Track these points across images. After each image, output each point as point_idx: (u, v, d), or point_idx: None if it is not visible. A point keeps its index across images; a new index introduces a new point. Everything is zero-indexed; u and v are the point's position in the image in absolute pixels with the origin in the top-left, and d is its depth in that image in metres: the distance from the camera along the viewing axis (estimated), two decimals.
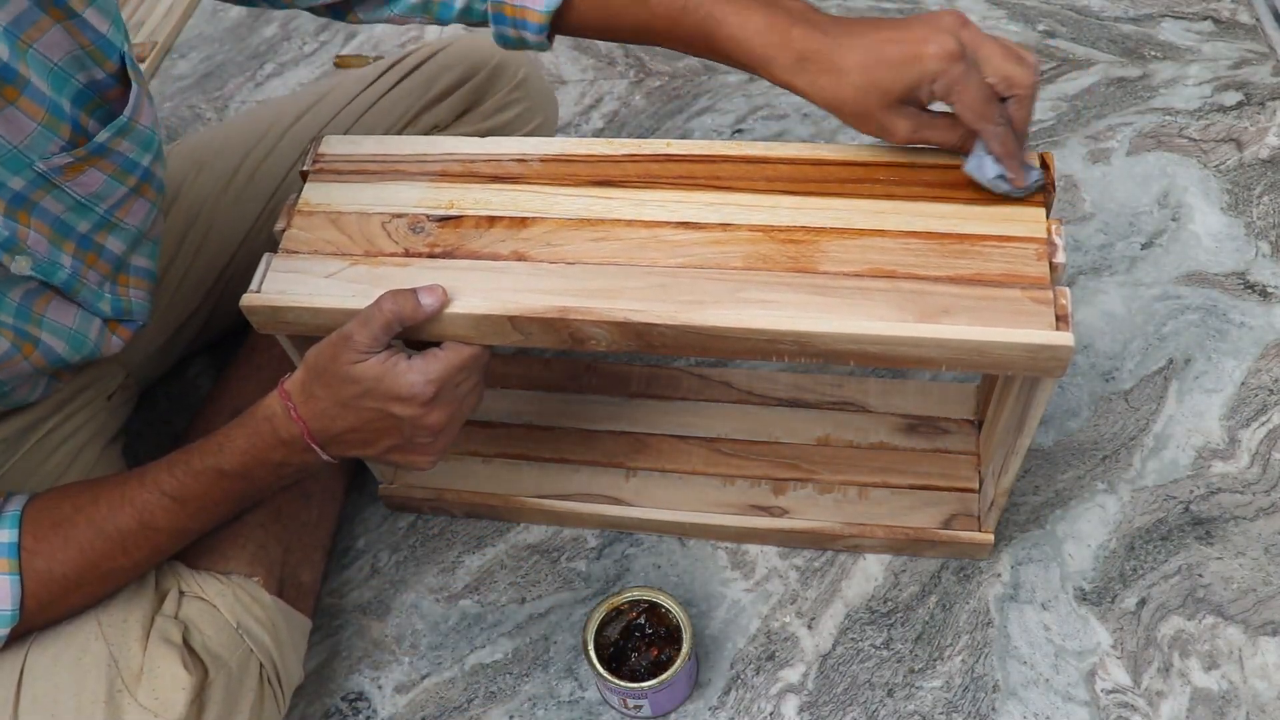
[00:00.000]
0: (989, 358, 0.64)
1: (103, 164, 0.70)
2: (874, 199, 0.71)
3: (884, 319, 0.65)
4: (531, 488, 0.97)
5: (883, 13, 1.51)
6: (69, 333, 0.75)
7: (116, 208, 0.74)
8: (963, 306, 0.65)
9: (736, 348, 0.67)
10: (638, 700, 0.82)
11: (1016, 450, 0.76)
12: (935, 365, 0.66)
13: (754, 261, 0.69)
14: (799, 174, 0.74)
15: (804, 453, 0.96)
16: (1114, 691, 0.85)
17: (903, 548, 0.92)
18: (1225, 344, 1.07)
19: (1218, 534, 0.93)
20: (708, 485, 0.95)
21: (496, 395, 1.03)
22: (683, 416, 1.00)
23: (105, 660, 0.70)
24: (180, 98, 1.53)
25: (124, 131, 0.70)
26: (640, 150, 0.76)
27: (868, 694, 0.86)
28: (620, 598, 0.84)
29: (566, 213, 0.73)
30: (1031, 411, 0.71)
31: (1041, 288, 0.65)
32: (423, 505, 0.99)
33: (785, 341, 0.66)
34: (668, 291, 0.68)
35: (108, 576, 0.71)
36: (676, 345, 0.68)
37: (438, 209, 0.75)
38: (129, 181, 0.74)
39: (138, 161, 0.73)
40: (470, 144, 0.79)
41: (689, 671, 0.83)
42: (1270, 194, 1.20)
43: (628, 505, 0.95)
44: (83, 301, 0.75)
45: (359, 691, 0.90)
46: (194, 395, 1.13)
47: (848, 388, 1.00)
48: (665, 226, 0.72)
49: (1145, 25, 1.43)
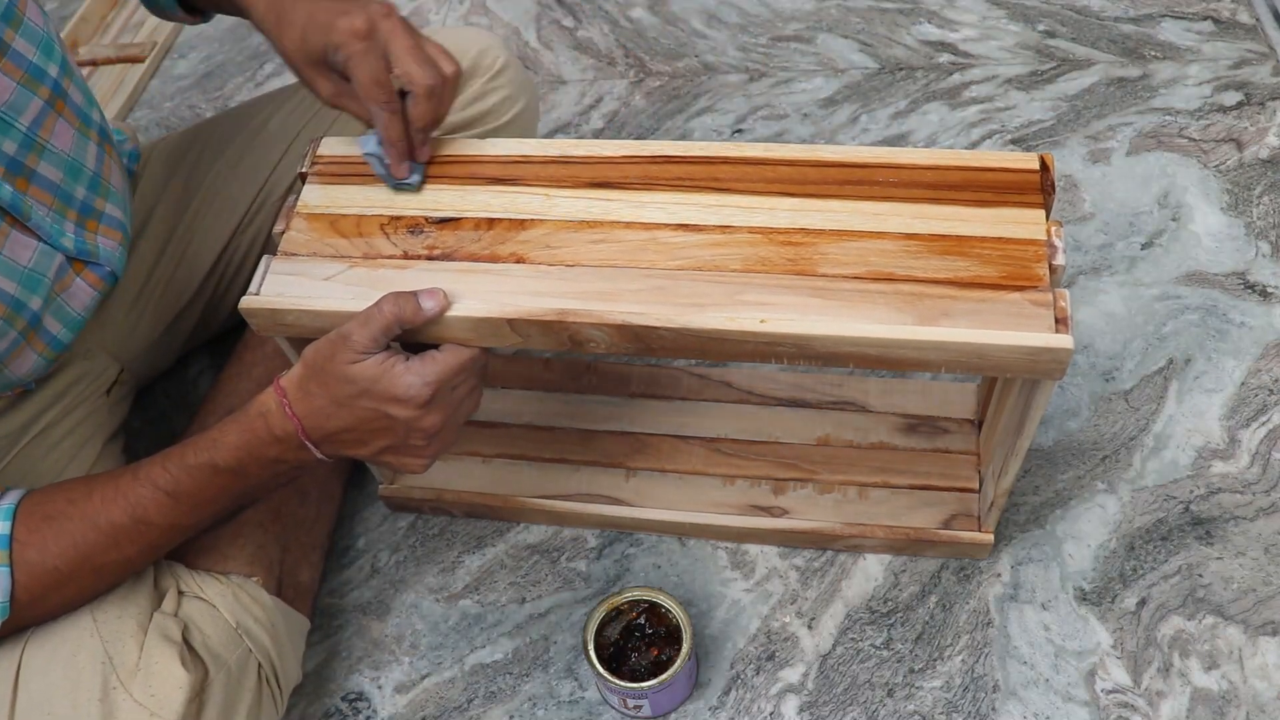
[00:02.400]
0: (988, 360, 0.64)
1: (5, 64, 0.71)
2: (873, 200, 0.71)
3: (883, 322, 0.65)
4: (531, 488, 0.97)
5: (883, 11, 1.51)
6: (23, 272, 0.74)
7: (37, 125, 0.74)
8: (962, 309, 0.65)
9: (735, 350, 0.67)
10: (638, 700, 0.82)
11: (1016, 451, 0.76)
12: (934, 368, 0.66)
13: (753, 264, 0.69)
14: (798, 175, 0.74)
15: (804, 453, 0.96)
16: (1114, 691, 0.85)
17: (903, 548, 0.92)
18: (1225, 344, 1.07)
19: (1218, 534, 0.93)
20: (708, 485, 0.95)
21: (496, 395, 1.03)
22: (683, 417, 1.00)
23: (100, 657, 0.70)
24: (180, 97, 1.53)
25: (10, 19, 0.71)
26: (639, 152, 0.76)
27: (868, 694, 0.86)
28: (620, 598, 0.84)
29: (565, 214, 0.74)
30: (1031, 413, 0.71)
31: (1041, 290, 0.65)
32: (423, 505, 0.99)
33: (785, 345, 0.66)
34: (666, 294, 0.68)
35: (100, 571, 0.71)
36: (675, 348, 0.68)
37: (437, 211, 0.75)
38: (41, 93, 0.74)
39: (43, 69, 0.74)
40: (470, 145, 0.79)
41: (689, 671, 0.83)
42: (1270, 194, 1.20)
43: (628, 505, 0.95)
44: (41, 231, 0.75)
45: (359, 691, 0.90)
46: (194, 394, 1.13)
47: (848, 387, 1.00)
48: (664, 229, 0.72)
49: (1145, 25, 1.43)
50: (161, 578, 0.77)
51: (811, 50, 1.46)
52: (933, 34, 1.46)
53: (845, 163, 0.74)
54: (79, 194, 0.80)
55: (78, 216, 0.80)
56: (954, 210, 0.70)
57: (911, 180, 0.72)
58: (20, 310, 0.75)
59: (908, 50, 1.44)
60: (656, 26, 1.54)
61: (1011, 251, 0.67)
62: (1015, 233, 0.68)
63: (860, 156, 0.74)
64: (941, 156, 0.73)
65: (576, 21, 1.57)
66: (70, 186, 0.79)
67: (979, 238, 0.68)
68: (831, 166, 0.74)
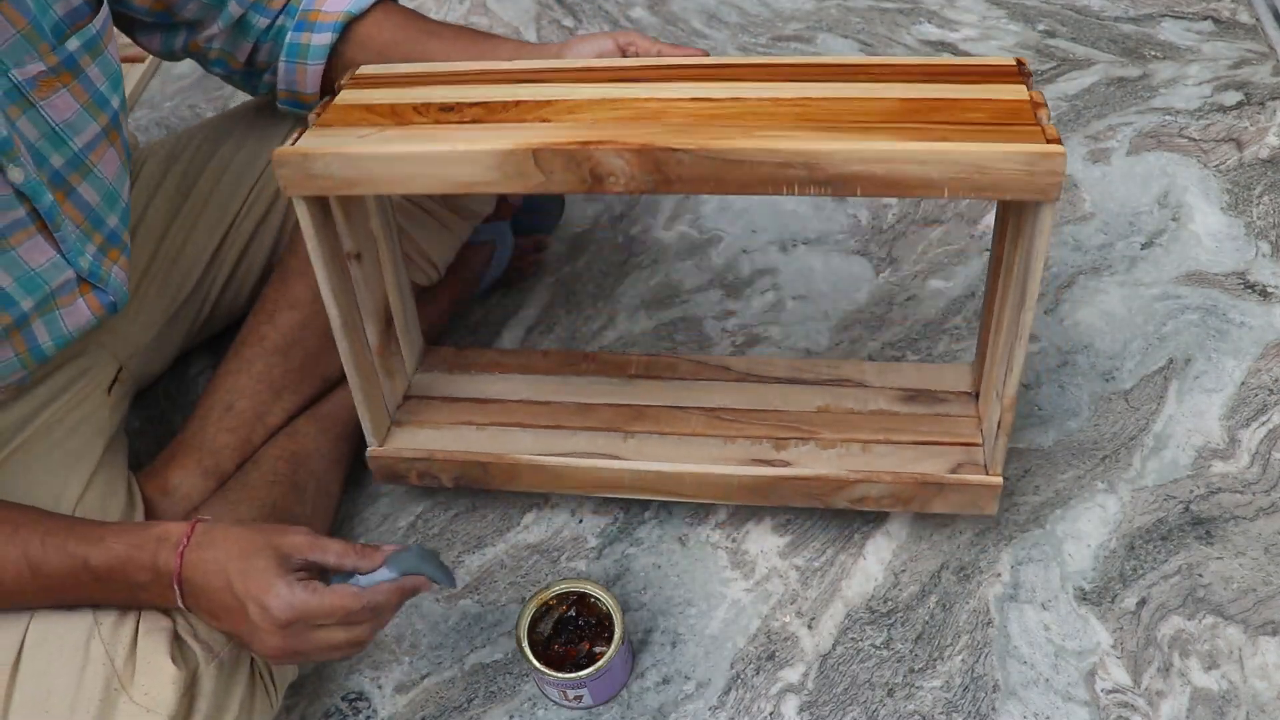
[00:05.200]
0: (989, 176, 0.68)
1: (75, 87, 0.73)
2: (872, 82, 0.77)
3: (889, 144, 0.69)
4: (525, 449, 0.95)
5: (883, 11, 1.51)
6: (27, 273, 0.74)
7: (89, 149, 0.76)
8: (961, 137, 0.70)
9: (750, 176, 0.70)
10: (577, 690, 0.83)
11: (1020, 334, 0.77)
12: (939, 189, 0.69)
13: (764, 118, 0.73)
14: (802, 72, 0.80)
15: (804, 418, 0.95)
16: (1114, 691, 0.85)
17: (910, 497, 0.90)
18: (1225, 344, 1.07)
19: (1218, 534, 0.93)
20: (708, 444, 0.94)
21: (492, 380, 1.02)
22: (681, 393, 0.99)
23: (102, 660, 0.70)
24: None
25: (93, 49, 0.73)
26: (656, 63, 0.83)
27: (868, 694, 0.86)
28: (548, 592, 0.85)
29: (589, 96, 0.78)
30: (1032, 267, 0.73)
31: (1030, 124, 0.70)
32: (411, 471, 0.96)
33: (797, 165, 0.69)
34: (685, 131, 0.72)
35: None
36: (694, 176, 0.70)
37: (467, 99, 0.79)
38: (100, 120, 0.76)
39: (107, 99, 0.76)
40: (500, 63, 0.85)
41: (624, 657, 0.84)
42: (1270, 194, 1.20)
43: (625, 460, 0.93)
44: (64, 245, 0.76)
45: (359, 691, 0.90)
46: (194, 394, 1.13)
47: (845, 369, 1.00)
48: (681, 100, 0.76)
49: (1145, 25, 1.43)
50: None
51: (812, 50, 1.46)
52: (933, 34, 1.46)
53: (844, 63, 0.81)
54: (111, 222, 0.81)
55: (102, 242, 0.81)
56: (945, 87, 0.76)
57: (904, 72, 0.79)
58: (8, 306, 0.75)
59: (908, 50, 1.44)
60: (656, 26, 1.54)
61: (1000, 105, 0.73)
62: (1002, 95, 0.74)
63: (858, 59, 0.81)
64: (929, 60, 0.80)
65: (577, 21, 1.57)
66: (104, 213, 0.80)
67: (970, 99, 0.74)
68: (833, 66, 0.81)
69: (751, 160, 0.69)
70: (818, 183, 0.70)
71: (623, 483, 0.94)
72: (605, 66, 0.83)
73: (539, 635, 0.85)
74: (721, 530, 0.98)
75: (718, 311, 1.18)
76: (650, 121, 0.73)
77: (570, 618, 0.85)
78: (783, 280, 1.20)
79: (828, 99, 0.75)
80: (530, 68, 0.84)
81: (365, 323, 0.89)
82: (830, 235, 1.24)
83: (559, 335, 1.17)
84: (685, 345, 1.14)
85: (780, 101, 0.75)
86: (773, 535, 0.97)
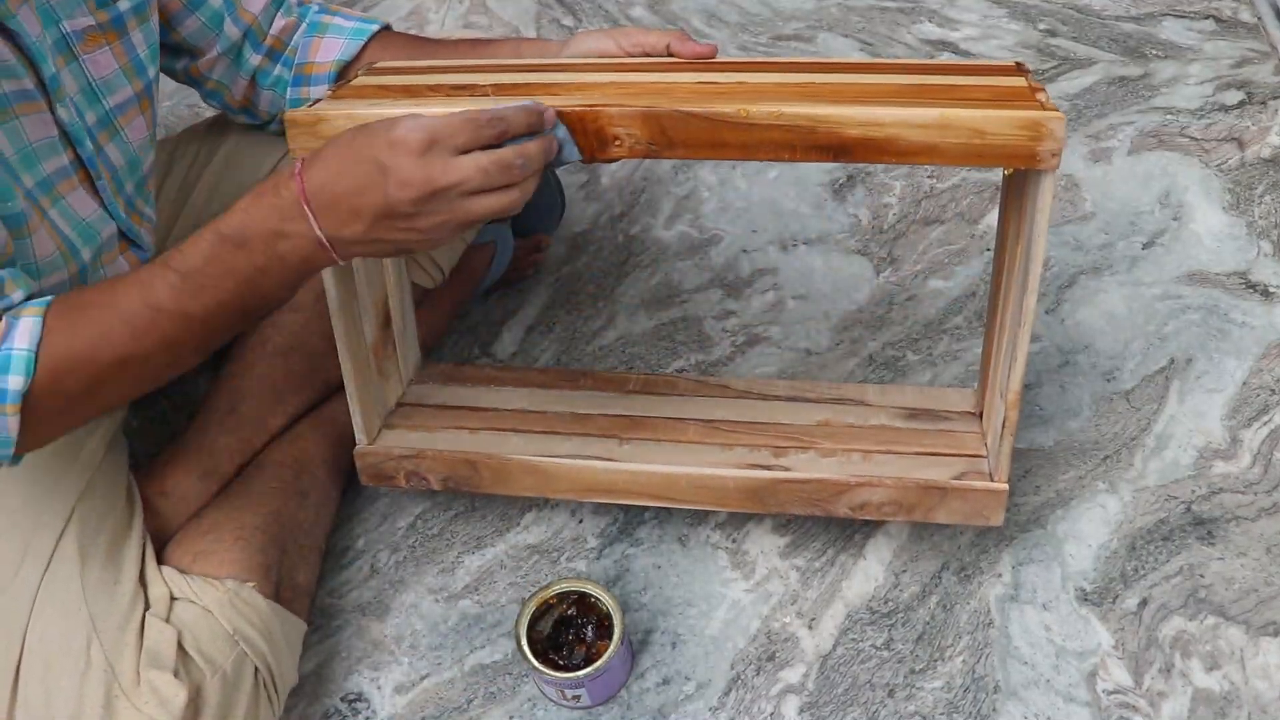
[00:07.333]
0: (989, 142, 0.69)
1: (117, 47, 0.76)
2: (874, 74, 0.80)
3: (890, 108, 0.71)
4: (517, 450, 0.93)
5: (883, 10, 1.50)
6: (81, 223, 0.76)
7: (120, 110, 0.78)
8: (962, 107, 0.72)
9: (751, 139, 0.71)
10: (575, 690, 0.83)
11: (1024, 320, 0.77)
12: (941, 155, 0.70)
13: (767, 93, 0.75)
14: (804, 65, 0.83)
15: (805, 430, 0.94)
16: (1115, 692, 0.85)
17: (913, 504, 0.88)
18: (1227, 344, 1.07)
19: (1219, 534, 0.93)
20: (705, 451, 0.92)
21: (488, 390, 1.02)
22: (680, 406, 0.98)
23: (102, 667, 0.70)
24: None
25: (140, 14, 0.77)
26: (661, 62, 0.85)
27: (868, 694, 0.86)
28: (549, 591, 0.85)
29: (596, 80, 0.81)
30: (1034, 246, 0.74)
31: (1027, 99, 0.72)
32: (399, 472, 0.94)
33: (799, 128, 0.70)
34: (690, 100, 0.73)
35: (124, 364, 0.67)
36: (698, 139, 0.72)
37: (480, 83, 0.80)
38: (135, 85, 0.79)
39: (145, 67, 0.79)
40: (509, 59, 0.89)
41: (623, 657, 0.84)
42: (1272, 193, 1.20)
43: (619, 463, 0.91)
44: (104, 196, 0.78)
45: (358, 692, 0.90)
46: (194, 394, 1.12)
47: (846, 389, 1.00)
48: (686, 82, 0.79)
49: (1146, 24, 1.43)
50: (153, 584, 0.77)
51: (812, 49, 1.46)
52: (933, 33, 1.46)
53: (847, 62, 0.85)
54: (129, 187, 0.82)
55: (125, 204, 0.82)
56: (946, 78, 0.78)
57: (905, 68, 0.82)
58: (75, 254, 0.76)
59: (908, 49, 1.44)
60: (656, 26, 1.54)
61: (1001, 89, 0.75)
62: (1002, 83, 0.77)
63: (860, 59, 0.86)
64: (930, 62, 0.86)
65: (577, 21, 1.57)
66: (125, 177, 0.81)
67: (971, 85, 0.76)
68: (835, 64, 0.85)
69: (752, 122, 0.71)
70: (819, 148, 0.71)
71: (617, 486, 0.92)
72: (613, 63, 0.85)
73: (538, 634, 0.84)
74: (722, 530, 0.97)
75: (718, 311, 1.17)
76: (656, 94, 0.75)
77: (570, 617, 0.85)
78: (783, 280, 1.20)
79: (834, 84, 0.77)
80: (540, 62, 0.86)
81: (363, 318, 0.89)
82: (830, 235, 1.24)
83: (559, 335, 1.17)
84: (685, 345, 1.14)
85: (785, 86, 0.77)
86: (773, 535, 0.97)
